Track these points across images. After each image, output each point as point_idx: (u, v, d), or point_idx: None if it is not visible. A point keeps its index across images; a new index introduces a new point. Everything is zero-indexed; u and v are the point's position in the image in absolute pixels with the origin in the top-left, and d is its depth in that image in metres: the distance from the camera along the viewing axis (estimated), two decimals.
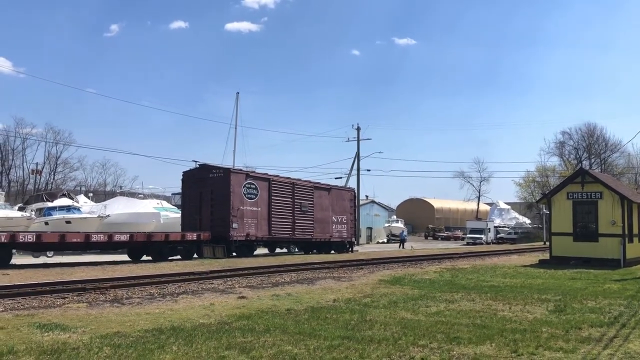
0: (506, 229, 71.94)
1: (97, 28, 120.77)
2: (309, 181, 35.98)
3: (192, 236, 26.22)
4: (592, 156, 75.76)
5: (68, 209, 35.36)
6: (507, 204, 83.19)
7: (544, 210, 51.65)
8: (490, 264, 24.53)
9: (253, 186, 29.99)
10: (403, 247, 48.67)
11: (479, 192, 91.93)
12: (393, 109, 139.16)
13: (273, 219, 31.02)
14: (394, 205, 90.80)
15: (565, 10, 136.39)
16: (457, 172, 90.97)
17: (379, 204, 73.84)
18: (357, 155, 58.88)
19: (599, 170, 60.31)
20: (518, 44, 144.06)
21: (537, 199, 52.94)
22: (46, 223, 32.65)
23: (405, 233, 57.84)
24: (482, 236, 64.00)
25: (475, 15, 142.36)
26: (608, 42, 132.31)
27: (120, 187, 69.67)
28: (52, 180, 70.32)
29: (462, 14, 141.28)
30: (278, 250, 36.92)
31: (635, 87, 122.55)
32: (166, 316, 9.68)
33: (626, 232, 23.07)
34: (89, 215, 34.80)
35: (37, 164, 68.98)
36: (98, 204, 40.97)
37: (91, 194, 49.03)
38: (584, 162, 72.09)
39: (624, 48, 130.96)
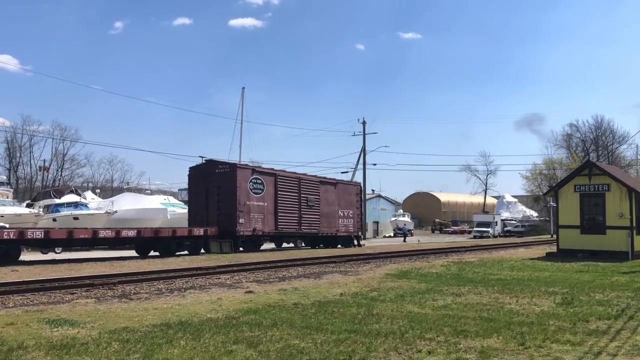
0: (513, 222, 71.63)
1: (102, 25, 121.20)
2: (315, 176, 35.99)
3: (199, 231, 26.30)
4: (600, 148, 75.27)
5: (76, 205, 35.57)
6: (514, 197, 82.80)
7: (551, 203, 51.42)
8: (497, 257, 24.46)
9: (259, 181, 30.04)
10: (405, 240, 50.08)
11: (486, 186, 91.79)
12: (399, 103, 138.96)
13: (279, 214, 31.07)
14: (400, 199, 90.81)
15: (568, 2, 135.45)
16: (464, 165, 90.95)
17: (385, 198, 73.77)
18: (363, 149, 58.79)
19: (607, 162, 59.88)
20: (523, 37, 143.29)
21: (544, 191, 52.70)
22: (54, 219, 32.88)
23: (407, 227, 58.47)
24: (489, 229, 63.76)
25: (480, 9, 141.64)
26: (612, 35, 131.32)
27: (127, 183, 70.06)
28: (59, 177, 70.75)
29: (466, 7, 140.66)
30: (285, 245, 36.99)
31: None
32: (174, 311, 9.72)
33: (634, 224, 22.94)
34: (96, 212, 34.99)
35: (44, 160, 69.51)
36: (105, 200, 41.19)
37: (98, 190, 49.30)
38: (591, 154, 71.61)
39: (629, 40, 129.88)
